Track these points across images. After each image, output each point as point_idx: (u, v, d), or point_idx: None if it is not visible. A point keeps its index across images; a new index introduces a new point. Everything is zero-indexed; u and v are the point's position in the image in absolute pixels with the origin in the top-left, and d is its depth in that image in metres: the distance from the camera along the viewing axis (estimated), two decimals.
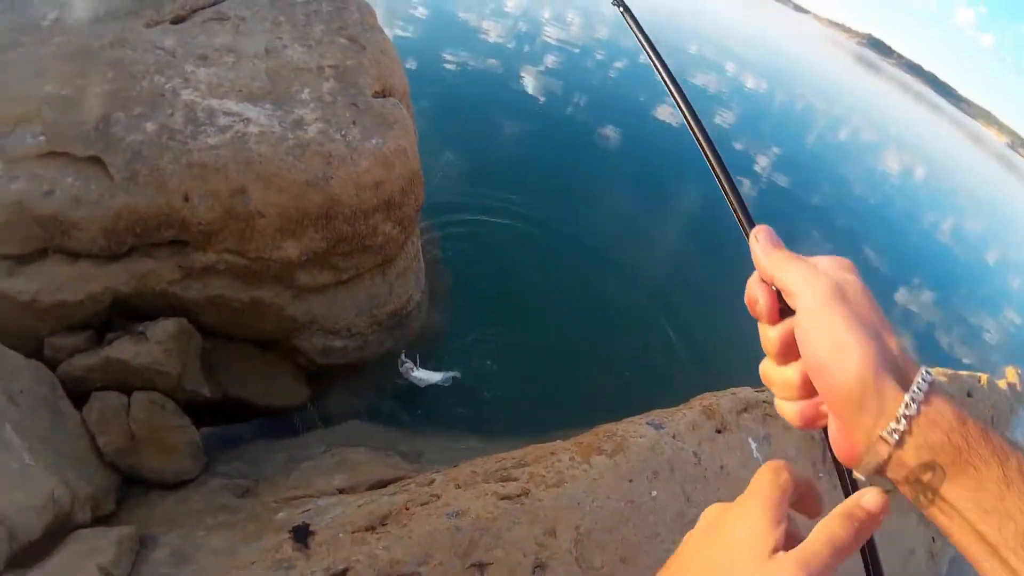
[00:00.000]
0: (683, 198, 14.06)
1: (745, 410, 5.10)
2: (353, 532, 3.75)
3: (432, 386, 6.95)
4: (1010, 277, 26.06)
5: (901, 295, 16.07)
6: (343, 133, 5.57)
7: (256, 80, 5.61)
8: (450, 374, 7.10)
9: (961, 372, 8.68)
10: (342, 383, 6.64)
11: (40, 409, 4.59)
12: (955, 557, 8.35)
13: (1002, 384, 9.52)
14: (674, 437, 4.53)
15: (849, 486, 0.92)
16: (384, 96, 6.26)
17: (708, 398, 5.12)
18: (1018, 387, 9.93)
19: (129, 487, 5.06)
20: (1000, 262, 28.12)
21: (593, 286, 10.47)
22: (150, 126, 5.08)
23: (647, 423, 4.58)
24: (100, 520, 4.55)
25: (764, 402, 5.23)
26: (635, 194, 13.59)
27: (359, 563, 3.46)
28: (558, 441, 4.55)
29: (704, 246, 12.88)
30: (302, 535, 3.75)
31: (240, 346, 5.98)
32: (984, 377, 8.97)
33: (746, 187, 16.84)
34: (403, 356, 6.69)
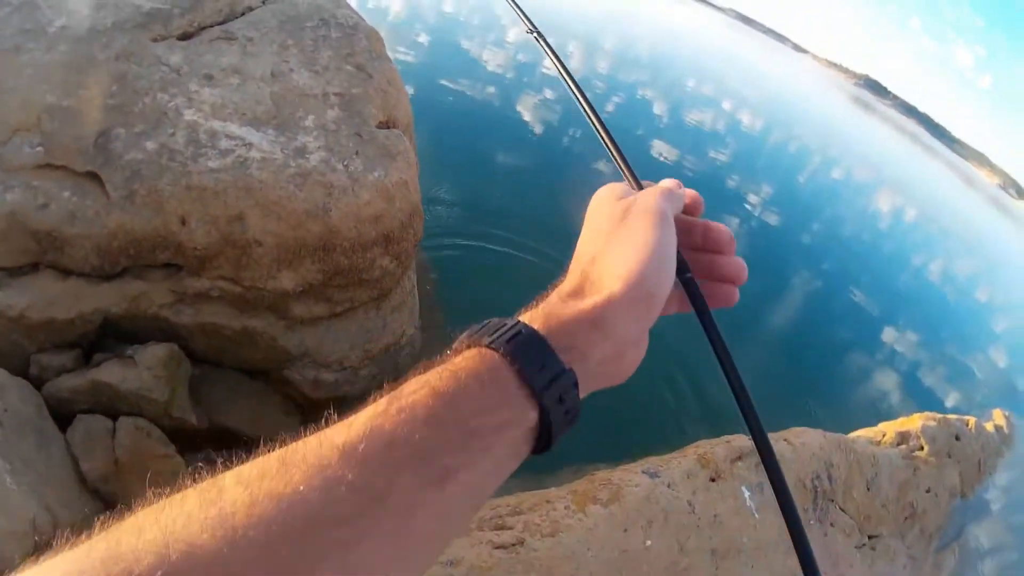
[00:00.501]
0: None
1: (739, 458, 5.07)
2: None
3: None
4: (997, 318, 26.15)
5: (888, 334, 16.10)
6: (345, 163, 5.51)
7: (261, 104, 5.55)
8: None
9: (950, 416, 8.68)
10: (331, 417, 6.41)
11: (25, 429, 4.47)
12: None
13: (989, 427, 9.58)
14: (669, 486, 4.47)
15: None
16: (388, 127, 6.21)
17: (703, 446, 5.07)
18: (1005, 430, 10.02)
19: (110, 512, 4.86)
20: (987, 303, 28.25)
21: None
22: (151, 145, 5.01)
23: (642, 471, 4.52)
24: None
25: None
26: None
27: None
28: (553, 489, 4.48)
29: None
30: None
31: (229, 374, 5.87)
32: (972, 420, 9.01)
33: (734, 224, 16.84)
34: None
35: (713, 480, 4.78)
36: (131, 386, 4.96)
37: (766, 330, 12.59)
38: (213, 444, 5.68)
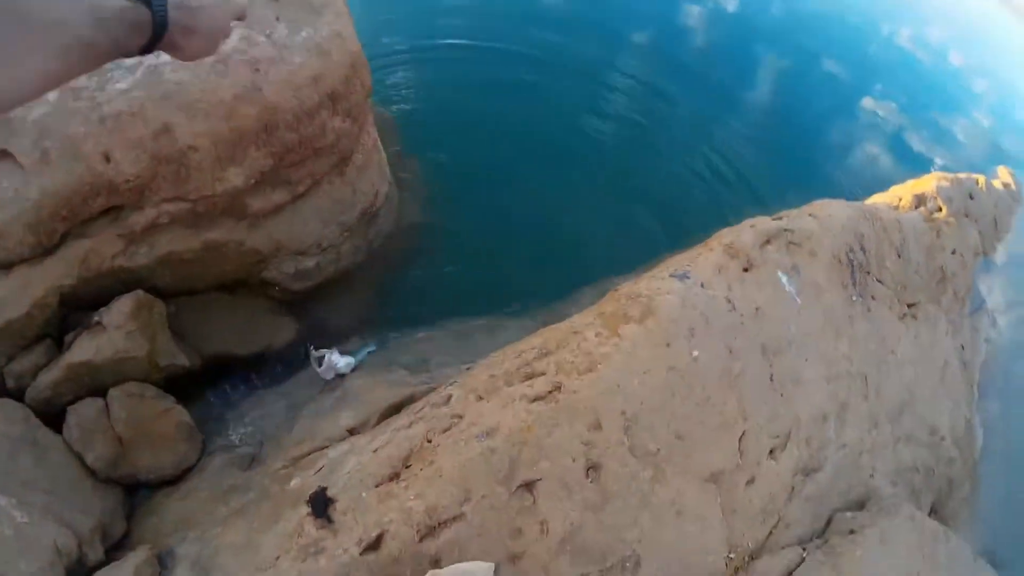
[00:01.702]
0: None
1: (768, 242, 4.74)
2: (376, 486, 3.30)
3: (359, 361, 5.93)
4: (975, 80, 25.73)
5: (867, 102, 15.75)
6: (267, 33, 5.00)
7: None
8: (367, 349, 6.11)
9: (960, 174, 8.55)
10: (325, 304, 6.18)
11: (18, 451, 4.16)
12: (984, 361, 8.45)
13: (997, 184, 9.55)
14: (703, 286, 4.11)
15: None
16: None
17: (727, 235, 4.69)
18: (1012, 186, 10.02)
19: (133, 495, 4.71)
20: (964, 66, 27.74)
21: (574, 124, 9.94)
22: (52, 95, 4.48)
23: (671, 275, 4.15)
24: (114, 548, 4.20)
25: (785, 230, 4.86)
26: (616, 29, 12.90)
27: (393, 523, 3.05)
28: (578, 316, 4.11)
29: (686, 71, 12.51)
30: (321, 506, 3.30)
31: (206, 298, 5.49)
32: (982, 179, 9.02)
33: (695, 12, 16.07)
34: (312, 349, 5.78)
35: (746, 270, 4.43)
36: (107, 354, 4.61)
37: (746, 113, 12.25)
38: (211, 378, 5.44)
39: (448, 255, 7.16)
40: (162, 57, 4.61)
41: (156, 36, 1.47)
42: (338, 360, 5.61)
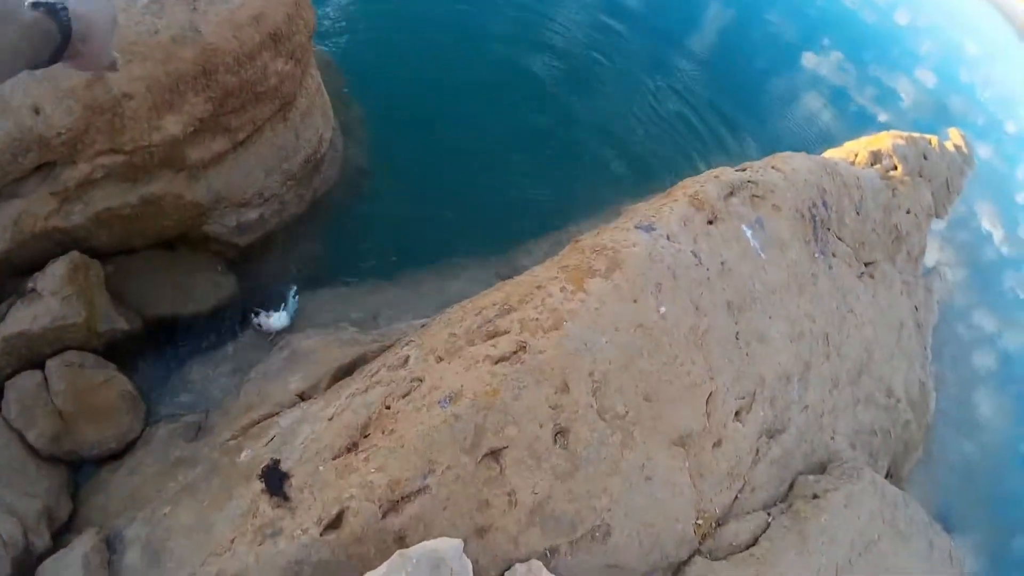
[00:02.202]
0: None
1: (732, 194, 4.63)
2: (334, 459, 3.11)
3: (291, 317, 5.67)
4: (921, 40, 25.92)
5: (809, 58, 15.68)
6: None
7: None
8: (291, 295, 5.72)
9: (914, 134, 8.52)
10: (269, 258, 5.92)
11: None
12: (937, 325, 8.53)
13: (949, 146, 9.58)
14: (669, 238, 3.97)
15: None
16: None
17: (690, 185, 4.57)
18: (964, 149, 10.06)
19: (77, 472, 4.43)
20: (909, 26, 27.93)
21: (524, 57, 9.53)
22: None
23: (636, 227, 4.00)
24: (60, 531, 3.99)
25: (749, 182, 4.76)
26: None
27: (354, 499, 2.87)
28: (539, 269, 3.96)
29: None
30: (276, 482, 3.11)
31: (146, 257, 5.19)
32: (935, 140, 9.03)
33: None
34: (253, 315, 5.47)
35: (711, 223, 4.32)
36: (43, 323, 4.35)
37: (689, 66, 12.02)
38: (153, 341, 5.15)
39: (395, 202, 6.87)
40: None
41: (62, 44, 1.59)
42: (274, 320, 5.39)
